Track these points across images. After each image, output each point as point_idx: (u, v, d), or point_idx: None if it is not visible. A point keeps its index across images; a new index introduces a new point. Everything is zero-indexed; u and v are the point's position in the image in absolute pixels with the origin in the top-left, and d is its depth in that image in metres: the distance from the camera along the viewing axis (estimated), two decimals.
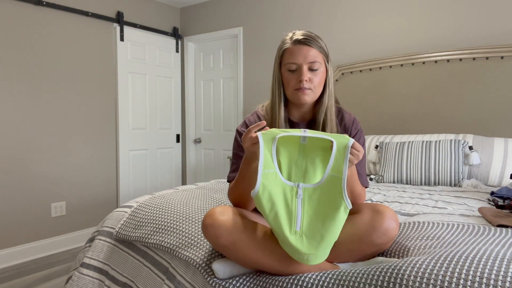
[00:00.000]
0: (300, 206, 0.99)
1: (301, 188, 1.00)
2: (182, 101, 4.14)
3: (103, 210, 3.42)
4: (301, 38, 1.17)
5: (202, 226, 1.05)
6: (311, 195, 1.00)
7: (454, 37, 2.56)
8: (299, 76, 1.17)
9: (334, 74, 3.00)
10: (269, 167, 1.00)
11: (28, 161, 2.87)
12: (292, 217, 0.98)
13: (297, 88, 1.18)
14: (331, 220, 0.96)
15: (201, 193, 1.79)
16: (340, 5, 3.03)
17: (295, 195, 0.99)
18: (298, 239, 0.96)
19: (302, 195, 0.99)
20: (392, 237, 1.04)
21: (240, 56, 3.66)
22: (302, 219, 0.98)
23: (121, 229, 1.57)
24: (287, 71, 1.20)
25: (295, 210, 0.98)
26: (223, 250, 1.05)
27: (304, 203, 0.99)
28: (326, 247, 0.97)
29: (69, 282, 1.65)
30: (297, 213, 0.98)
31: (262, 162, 0.99)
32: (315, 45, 1.17)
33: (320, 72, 1.19)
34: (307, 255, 0.96)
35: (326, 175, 1.00)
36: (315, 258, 0.97)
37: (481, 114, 2.43)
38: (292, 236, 0.96)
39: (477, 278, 0.82)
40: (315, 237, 0.96)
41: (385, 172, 2.34)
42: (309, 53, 1.16)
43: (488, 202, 1.68)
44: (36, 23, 2.90)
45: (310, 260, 0.96)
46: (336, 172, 0.99)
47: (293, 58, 1.17)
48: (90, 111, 3.28)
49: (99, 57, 3.34)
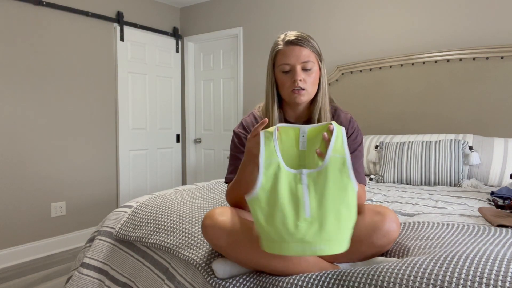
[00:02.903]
0: (307, 192, 0.97)
1: (305, 174, 0.98)
2: (182, 101, 4.15)
3: (103, 210, 3.42)
4: (293, 39, 1.18)
5: (201, 227, 1.05)
6: (316, 179, 0.98)
7: (454, 37, 2.56)
8: (293, 77, 1.18)
9: (334, 74, 3.00)
10: (272, 157, 1.00)
11: (28, 161, 2.87)
12: (300, 204, 0.95)
13: (292, 89, 1.19)
14: (341, 203, 0.94)
15: (201, 193, 1.79)
16: (340, 5, 3.03)
17: (299, 182, 0.98)
18: (309, 227, 0.93)
19: (306, 180, 0.98)
20: (393, 239, 1.04)
21: (240, 56, 3.66)
22: (311, 205, 0.95)
23: (121, 229, 1.57)
24: (280, 73, 1.21)
25: (302, 197, 0.96)
26: (222, 251, 1.05)
27: (310, 188, 0.97)
28: (339, 232, 0.93)
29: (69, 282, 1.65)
30: (304, 199, 0.96)
31: (264, 155, 1.00)
32: (307, 45, 1.18)
33: (314, 72, 1.20)
34: (317, 244, 0.92)
35: (329, 157, 0.98)
36: (329, 247, 0.92)
37: (481, 114, 2.43)
38: (302, 224, 0.93)
39: (477, 278, 0.82)
40: (326, 222, 0.92)
41: (385, 172, 2.34)
42: (302, 53, 1.17)
43: (488, 202, 1.68)
44: (36, 23, 2.90)
45: (322, 249, 0.92)
46: (338, 153, 0.99)
47: (286, 59, 1.18)
48: (90, 111, 3.28)
49: (99, 57, 3.34)
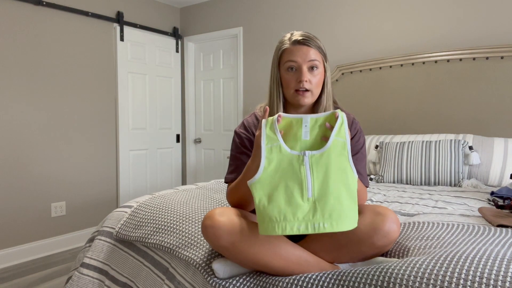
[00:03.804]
0: (309, 172, 0.99)
1: (307, 156, 1.00)
2: (182, 101, 4.14)
3: (103, 210, 3.42)
4: (300, 39, 1.18)
5: (201, 227, 1.05)
6: (319, 160, 1.00)
7: (454, 37, 2.56)
8: (299, 77, 1.18)
9: (334, 74, 3.00)
10: (273, 141, 1.02)
11: (28, 161, 2.87)
12: (303, 184, 0.98)
13: (297, 90, 1.19)
14: (341, 184, 0.97)
15: (201, 193, 1.79)
16: (340, 5, 3.03)
17: (302, 163, 1.00)
18: (311, 206, 0.96)
19: (309, 161, 1.00)
20: (393, 239, 1.03)
21: (240, 56, 3.66)
22: (313, 185, 0.98)
23: (121, 229, 1.57)
24: (286, 71, 1.20)
25: (305, 178, 0.98)
26: (223, 251, 1.04)
27: (313, 169, 0.99)
28: (342, 211, 0.96)
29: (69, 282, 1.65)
30: (307, 179, 0.98)
31: (265, 140, 1.02)
32: (313, 45, 1.19)
33: (319, 73, 1.20)
34: (320, 221, 0.95)
35: (332, 140, 1.01)
36: (331, 224, 0.95)
37: (481, 114, 2.43)
38: (304, 203, 0.96)
39: (477, 278, 0.82)
40: (328, 201, 0.96)
41: (385, 172, 2.34)
42: (309, 52, 1.17)
43: (488, 202, 1.68)
44: (36, 23, 2.90)
45: (325, 227, 0.95)
46: (341, 137, 1.01)
47: (293, 57, 1.18)
48: (90, 111, 3.28)
49: (99, 57, 3.34)
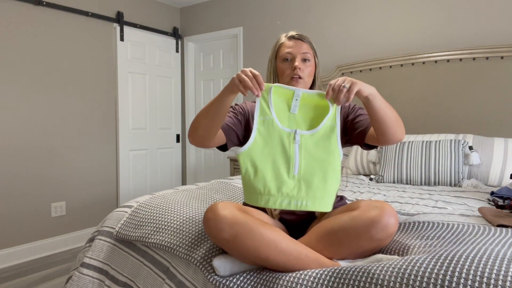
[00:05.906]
0: (298, 151, 1.04)
1: (298, 134, 1.05)
2: (182, 101, 4.15)
3: (103, 210, 3.42)
4: (295, 35, 1.38)
5: (203, 220, 1.07)
6: (308, 140, 1.04)
7: (454, 37, 2.56)
8: (294, 65, 1.31)
9: (334, 74, 3.01)
10: (266, 114, 1.07)
11: (28, 161, 2.87)
12: (290, 161, 1.03)
13: (291, 77, 1.32)
14: (328, 165, 1.03)
15: (201, 193, 1.79)
16: (340, 5, 3.04)
17: (293, 140, 1.04)
18: (296, 184, 1.02)
19: (299, 140, 1.04)
20: (391, 233, 1.04)
21: (240, 56, 3.66)
22: (300, 164, 1.03)
23: (121, 229, 1.57)
24: (282, 62, 1.35)
25: (293, 155, 1.03)
26: (224, 244, 1.06)
27: (302, 148, 1.04)
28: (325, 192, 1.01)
29: (69, 282, 1.65)
30: (295, 157, 1.03)
31: (258, 110, 1.06)
32: (306, 41, 1.38)
33: (311, 65, 1.35)
34: (303, 199, 1.01)
35: (323, 123, 1.05)
36: (313, 203, 1.01)
37: (481, 114, 2.43)
38: (290, 180, 1.01)
39: (477, 277, 0.82)
40: (313, 181, 1.01)
41: (385, 172, 2.34)
42: (302, 46, 1.35)
43: (488, 202, 1.68)
44: (36, 23, 2.90)
45: (307, 205, 1.01)
46: (331, 121, 1.06)
47: (288, 49, 1.34)
48: (90, 111, 3.28)
49: (99, 57, 3.34)
